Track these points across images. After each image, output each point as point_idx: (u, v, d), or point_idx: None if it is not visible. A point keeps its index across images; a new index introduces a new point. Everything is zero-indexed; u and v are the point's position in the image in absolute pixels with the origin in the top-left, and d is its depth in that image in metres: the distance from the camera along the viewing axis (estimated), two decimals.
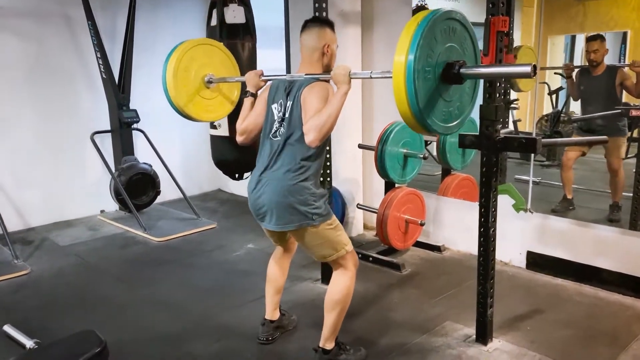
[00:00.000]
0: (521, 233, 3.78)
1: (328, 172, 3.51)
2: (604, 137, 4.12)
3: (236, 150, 3.84)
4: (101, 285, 3.77)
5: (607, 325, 3.01)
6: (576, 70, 4.64)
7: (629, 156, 4.43)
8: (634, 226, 3.73)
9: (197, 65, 3.13)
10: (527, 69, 2.00)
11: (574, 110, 5.20)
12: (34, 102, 4.89)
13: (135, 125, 5.15)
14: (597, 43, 4.33)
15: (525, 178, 3.98)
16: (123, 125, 5.07)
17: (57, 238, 4.72)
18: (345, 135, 4.37)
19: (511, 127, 5.15)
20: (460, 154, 4.29)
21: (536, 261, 3.73)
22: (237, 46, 4.02)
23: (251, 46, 4.12)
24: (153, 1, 5.47)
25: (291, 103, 2.43)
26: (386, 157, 3.85)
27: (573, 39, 5.45)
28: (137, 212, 4.89)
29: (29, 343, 1.59)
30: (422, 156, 3.97)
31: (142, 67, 5.27)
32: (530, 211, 3.75)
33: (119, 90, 5.04)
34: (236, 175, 4.24)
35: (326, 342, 2.56)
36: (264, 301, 2.94)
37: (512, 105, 5.16)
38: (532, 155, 3.92)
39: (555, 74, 5.23)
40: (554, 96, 5.32)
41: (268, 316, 2.89)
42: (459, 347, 2.79)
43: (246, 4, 4.10)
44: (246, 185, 2.60)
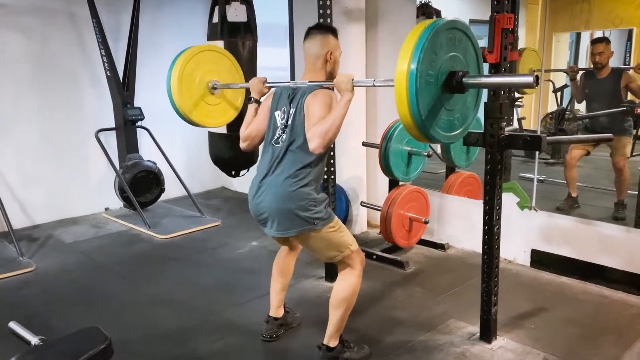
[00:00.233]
0: (525, 231, 3.77)
1: (332, 170, 3.52)
2: (609, 135, 4.10)
3: (233, 148, 3.86)
4: (106, 282, 3.78)
5: (612, 323, 3.00)
6: (580, 73, 4.62)
7: (634, 154, 4.42)
8: (639, 224, 3.71)
9: (201, 71, 3.15)
10: (530, 80, 1.97)
11: (578, 107, 5.18)
12: (38, 100, 4.91)
13: (139, 123, 5.16)
14: (602, 45, 4.30)
15: (530, 176, 3.98)
16: (127, 123, 5.08)
17: (62, 235, 4.73)
18: (349, 133, 4.37)
19: (516, 124, 5.15)
20: (465, 151, 4.28)
21: (540, 259, 3.73)
22: (237, 44, 4.03)
23: (251, 45, 4.12)
24: None
25: (294, 110, 2.43)
26: (390, 154, 3.84)
27: (578, 36, 5.42)
28: (142, 210, 4.91)
29: (34, 340, 1.59)
30: (426, 154, 3.96)
31: (147, 64, 5.28)
32: (534, 209, 3.74)
33: (123, 88, 5.05)
34: (233, 172, 4.25)
35: (330, 339, 2.57)
36: (268, 298, 2.95)
37: (517, 103, 5.15)
38: (537, 153, 3.91)
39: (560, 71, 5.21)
40: (558, 94, 5.30)
41: (272, 313, 2.90)
42: (463, 345, 2.78)
43: (248, 2, 4.10)
44: (249, 184, 2.60)
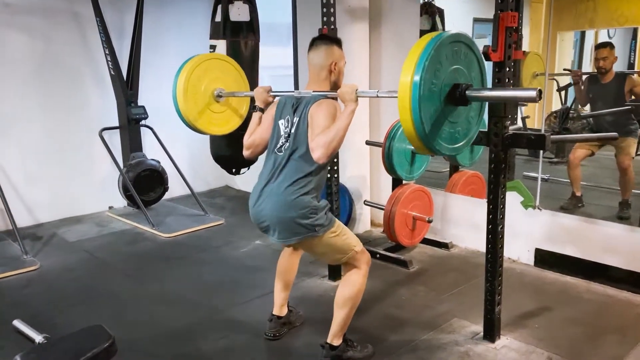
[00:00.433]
0: (529, 230, 3.76)
1: (335, 169, 3.52)
2: (614, 134, 4.09)
3: (233, 146, 3.86)
4: (109, 280, 3.79)
5: (616, 322, 2.99)
6: (584, 77, 4.60)
7: (639, 153, 4.39)
8: None
9: (207, 79, 3.19)
10: (533, 94, 2.03)
11: None
12: (42, 99, 4.92)
13: (143, 122, 5.17)
14: (607, 50, 4.29)
15: (534, 175, 3.97)
16: (131, 121, 5.09)
17: (66, 234, 4.75)
18: (353, 131, 4.32)
19: (519, 123, 5.12)
20: (468, 150, 4.26)
21: (544, 258, 3.72)
22: (239, 44, 4.03)
23: (254, 44, 4.12)
24: None
25: (298, 119, 2.44)
26: (394, 153, 3.83)
27: (583, 35, 5.40)
28: (145, 208, 4.92)
29: (38, 338, 1.59)
30: None
31: (150, 63, 5.29)
32: (538, 208, 3.73)
33: (127, 87, 5.05)
34: (233, 170, 4.26)
35: (334, 338, 2.57)
36: (271, 297, 2.95)
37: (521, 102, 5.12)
38: (541, 152, 3.90)
39: (564, 70, 5.18)
40: (563, 92, 5.28)
41: (276, 312, 2.91)
42: (466, 344, 2.78)
43: (251, 2, 4.10)
44: (252, 182, 2.60)
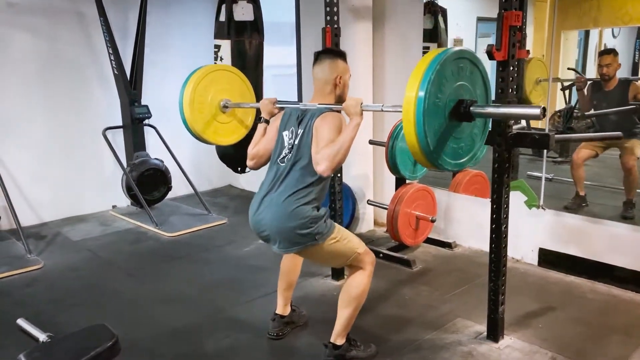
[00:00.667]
0: (533, 230, 3.75)
1: (338, 168, 3.51)
2: (618, 133, 4.07)
3: (238, 145, 3.88)
4: (113, 279, 3.80)
5: (620, 322, 2.98)
6: (588, 84, 4.58)
7: None
8: None
9: (213, 90, 3.20)
10: (537, 112, 2.06)
11: None
12: (46, 98, 4.93)
13: (146, 121, 5.17)
14: (610, 57, 4.27)
15: (538, 174, 3.95)
16: (135, 121, 5.09)
17: (69, 233, 4.76)
18: None
19: (523, 122, 5.11)
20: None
21: (548, 258, 3.71)
22: (244, 43, 4.03)
23: (258, 44, 4.13)
24: None
25: (302, 131, 2.45)
26: (397, 153, 3.83)
27: (587, 34, 5.38)
28: (149, 208, 4.92)
29: (41, 336, 1.60)
30: None
31: (154, 63, 5.30)
32: (542, 208, 3.72)
33: (130, 87, 5.06)
34: (239, 169, 4.28)
35: (337, 337, 2.56)
36: (274, 296, 2.95)
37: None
38: (545, 152, 3.89)
39: (568, 69, 5.17)
40: (567, 92, 5.26)
41: (279, 311, 2.91)
42: (470, 344, 2.78)
43: (255, 1, 4.09)
44: (256, 181, 2.60)
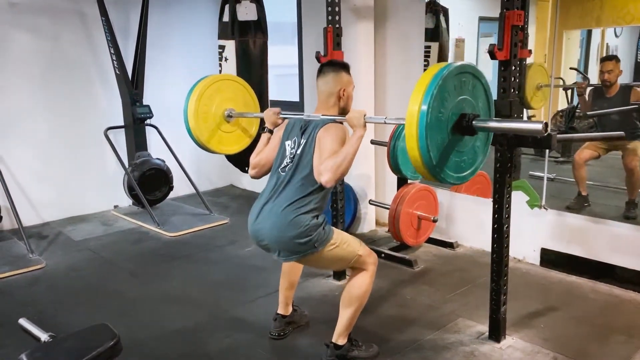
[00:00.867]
0: (535, 230, 3.75)
1: None
2: (620, 133, 4.06)
3: None
4: (114, 279, 3.80)
5: (622, 322, 2.98)
6: (589, 89, 4.57)
7: None
8: None
9: (218, 99, 3.22)
10: (539, 127, 2.07)
11: None
12: (48, 98, 4.94)
13: (148, 121, 5.18)
14: (612, 63, 4.25)
15: (540, 174, 3.94)
16: (136, 121, 5.10)
17: (71, 233, 4.76)
18: None
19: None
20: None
21: (550, 258, 3.70)
22: (248, 43, 4.04)
23: (262, 43, 4.13)
24: None
25: (305, 141, 2.46)
26: (399, 153, 3.83)
27: (589, 33, 5.36)
28: (150, 208, 4.92)
29: (43, 336, 1.60)
30: None
31: (156, 63, 5.30)
32: (544, 208, 3.72)
33: (132, 86, 5.06)
34: (246, 168, 4.27)
35: (339, 337, 2.56)
36: (276, 296, 2.95)
37: None
38: (547, 151, 3.88)
39: (570, 69, 5.16)
40: (569, 92, 5.25)
41: (280, 311, 2.91)
42: (471, 344, 2.77)
43: (258, 1, 4.10)
44: (258, 182, 2.61)
